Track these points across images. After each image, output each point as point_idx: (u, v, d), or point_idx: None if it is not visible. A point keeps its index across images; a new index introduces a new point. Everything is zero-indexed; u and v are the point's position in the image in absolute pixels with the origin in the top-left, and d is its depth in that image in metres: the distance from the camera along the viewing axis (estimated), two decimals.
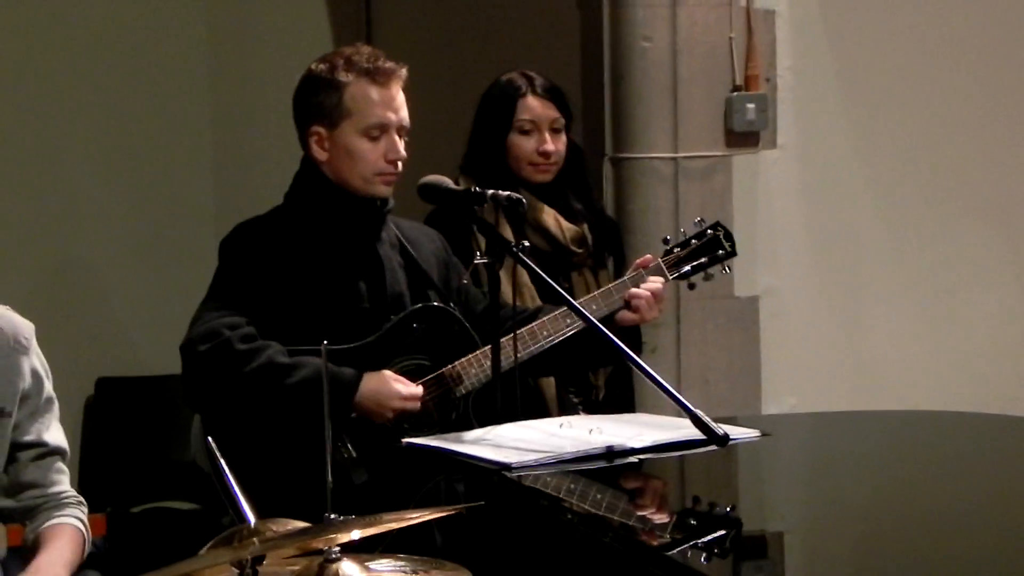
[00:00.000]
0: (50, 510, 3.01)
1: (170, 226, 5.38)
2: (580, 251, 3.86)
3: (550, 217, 3.82)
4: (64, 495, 3.04)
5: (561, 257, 3.83)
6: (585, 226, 3.89)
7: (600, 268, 3.92)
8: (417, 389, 3.30)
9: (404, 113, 3.39)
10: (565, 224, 3.84)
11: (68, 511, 3.02)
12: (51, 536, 2.97)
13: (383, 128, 3.35)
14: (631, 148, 4.43)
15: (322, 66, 3.39)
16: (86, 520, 3.05)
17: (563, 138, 3.86)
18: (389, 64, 3.37)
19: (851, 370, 4.63)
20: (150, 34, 5.34)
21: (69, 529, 2.99)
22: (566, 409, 3.69)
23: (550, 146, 3.81)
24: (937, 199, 4.71)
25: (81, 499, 3.07)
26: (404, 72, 3.39)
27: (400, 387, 3.27)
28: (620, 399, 3.88)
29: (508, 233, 3.68)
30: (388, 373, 3.30)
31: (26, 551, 3.00)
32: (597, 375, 3.88)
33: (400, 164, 3.38)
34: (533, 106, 3.83)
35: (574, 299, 3.37)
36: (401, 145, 3.37)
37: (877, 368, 4.65)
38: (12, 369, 2.97)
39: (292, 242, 3.36)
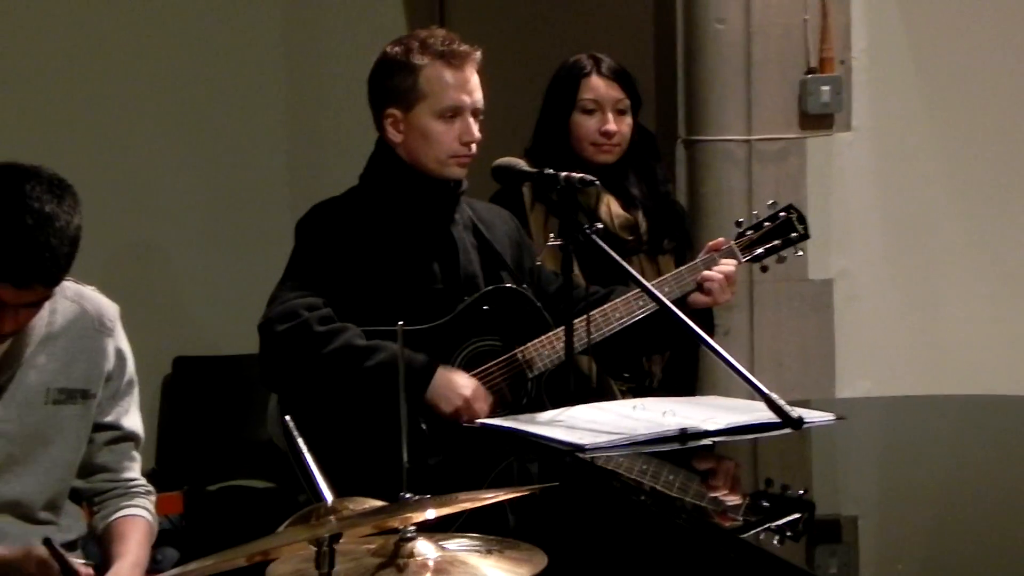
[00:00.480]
0: (119, 498, 3.03)
1: (245, 208, 5.42)
2: (630, 238, 3.82)
3: (602, 202, 3.81)
4: (134, 483, 3.06)
5: (610, 243, 3.80)
6: (640, 213, 3.86)
7: (658, 255, 3.88)
8: (482, 391, 3.29)
9: (479, 96, 3.40)
10: (616, 210, 3.82)
11: (137, 500, 3.04)
12: (124, 533, 2.98)
13: (458, 111, 3.37)
14: (704, 131, 4.42)
15: (397, 49, 3.41)
16: (154, 511, 3.07)
17: (628, 120, 3.84)
18: (464, 47, 3.39)
19: (925, 354, 4.60)
20: (225, 19, 5.38)
21: (141, 523, 3.01)
22: (604, 395, 3.64)
23: (612, 126, 3.79)
24: (1013, 181, 4.66)
25: (150, 488, 3.09)
26: (479, 55, 3.40)
27: (467, 389, 3.26)
28: (677, 387, 3.86)
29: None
30: (461, 372, 3.30)
31: (94, 537, 3.04)
32: (652, 362, 3.86)
33: (474, 146, 3.39)
34: (597, 86, 3.82)
35: (615, 288, 3.38)
36: (475, 127, 3.38)
37: (952, 352, 4.61)
38: (98, 351, 3.00)
39: (367, 223, 3.38)
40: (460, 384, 3.26)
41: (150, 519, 3.04)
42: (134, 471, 3.07)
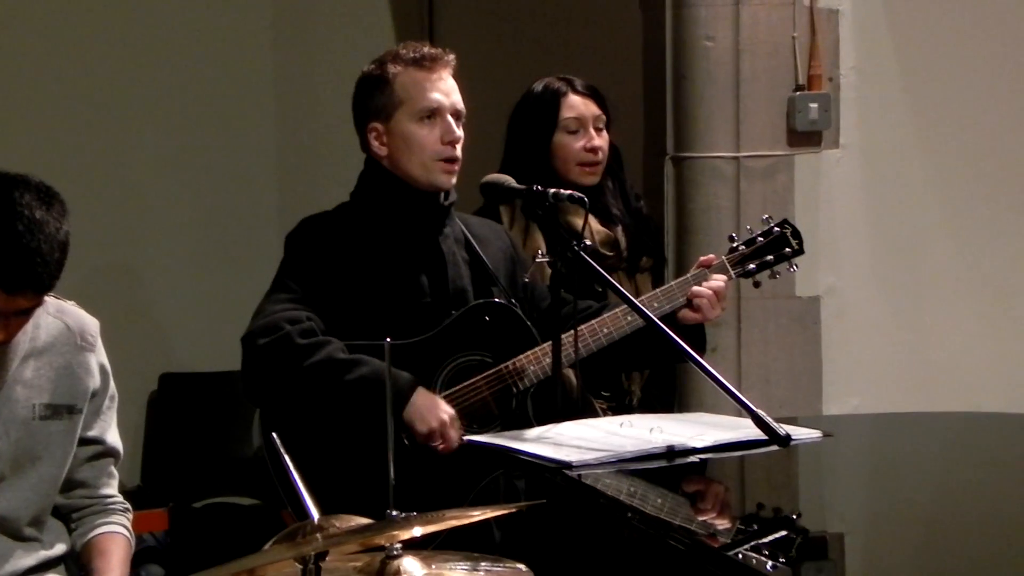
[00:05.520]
0: (97, 515, 3.02)
1: (233, 226, 5.41)
2: (611, 255, 3.82)
3: (581, 220, 3.79)
4: (112, 500, 3.05)
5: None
6: (619, 229, 3.86)
7: (636, 272, 3.88)
8: (458, 424, 3.28)
9: (456, 97, 3.41)
10: (596, 227, 3.82)
11: (115, 518, 3.03)
12: (106, 550, 2.97)
13: (436, 111, 3.38)
14: (693, 147, 4.42)
15: (372, 67, 3.46)
16: (131, 529, 3.06)
17: (605, 136, 3.85)
18: (435, 50, 3.43)
19: (913, 371, 4.60)
20: (215, 34, 5.38)
21: (121, 540, 3.00)
22: (587, 411, 3.61)
23: (597, 141, 3.81)
24: (1001, 199, 4.67)
25: (127, 505, 3.08)
26: (452, 58, 3.43)
27: (444, 412, 3.26)
28: (656, 405, 3.85)
29: (539, 238, 3.70)
30: (439, 399, 3.29)
31: (73, 554, 3.02)
32: (631, 380, 3.85)
33: (459, 148, 3.40)
34: (576, 103, 3.83)
35: (608, 304, 3.37)
36: (457, 128, 3.39)
37: (940, 369, 4.61)
38: (82, 366, 2.99)
39: (356, 236, 3.39)
40: (439, 407, 3.25)
41: (128, 536, 3.03)
42: (112, 488, 3.06)
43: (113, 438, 3.06)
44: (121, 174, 5.28)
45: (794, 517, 2.72)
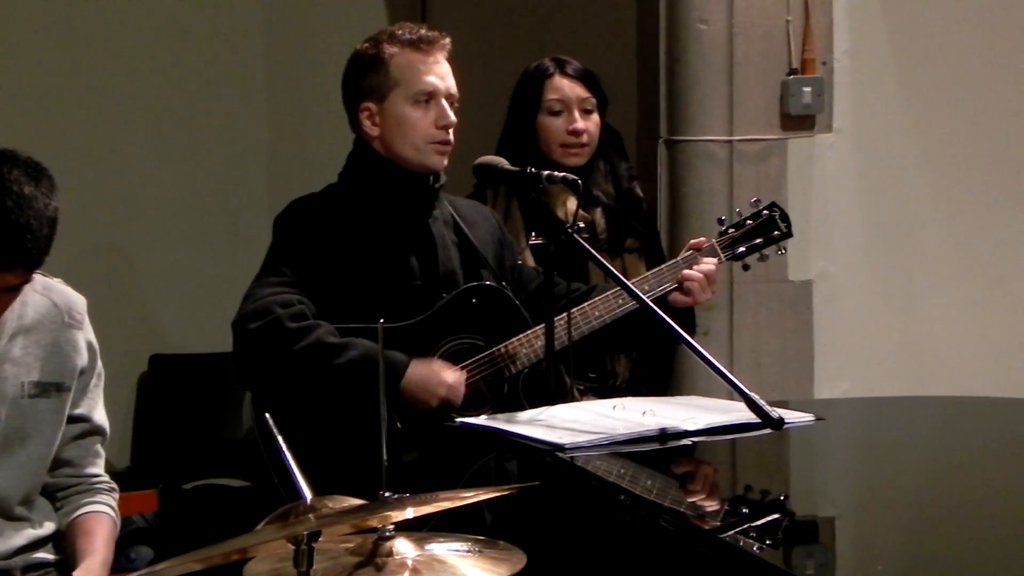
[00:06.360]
0: (82, 494, 3.02)
1: (224, 206, 5.41)
2: (586, 236, 3.80)
3: (560, 201, 3.79)
4: (97, 480, 3.04)
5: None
6: (599, 211, 3.84)
7: (622, 253, 3.86)
8: (462, 375, 3.29)
9: (451, 81, 3.40)
10: (572, 208, 3.79)
11: (100, 497, 3.02)
12: (90, 530, 2.97)
13: (431, 95, 3.37)
14: (686, 131, 4.42)
15: (366, 45, 3.43)
16: (117, 508, 3.05)
17: (595, 119, 3.83)
18: (432, 33, 3.41)
19: (905, 355, 4.61)
20: (207, 14, 5.37)
21: (106, 520, 3.00)
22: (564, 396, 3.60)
23: (579, 124, 3.79)
24: (994, 184, 4.67)
25: (113, 485, 3.07)
26: (448, 41, 3.42)
27: (447, 375, 3.27)
28: (643, 388, 3.84)
29: (519, 220, 3.69)
30: (437, 361, 3.30)
31: (58, 535, 3.02)
32: (617, 362, 3.85)
33: (451, 132, 3.39)
34: (561, 85, 3.81)
35: (597, 286, 3.36)
36: (451, 112, 3.38)
37: (931, 353, 4.62)
38: (70, 344, 2.98)
39: (345, 218, 3.37)
40: (437, 378, 3.24)
41: (113, 516, 3.03)
42: (98, 467, 3.06)
43: (100, 416, 3.05)
44: (112, 154, 5.27)
45: (782, 499, 2.72)
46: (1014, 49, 4.66)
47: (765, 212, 3.58)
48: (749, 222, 3.57)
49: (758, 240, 3.56)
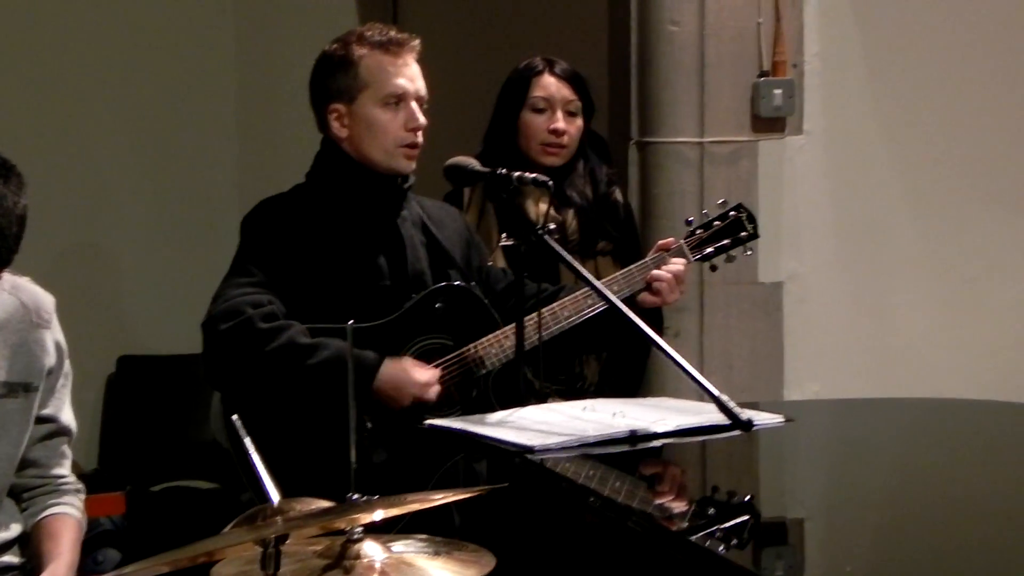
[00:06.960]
0: (48, 495, 2.99)
1: (193, 207, 5.39)
2: (556, 238, 3.79)
3: (531, 203, 3.79)
4: (63, 481, 3.02)
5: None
6: (571, 213, 3.83)
7: (595, 256, 3.86)
8: (435, 373, 3.29)
9: (421, 83, 3.40)
10: (542, 209, 3.79)
11: (66, 499, 3.00)
12: (55, 532, 2.94)
13: (401, 97, 3.36)
14: (657, 132, 4.42)
15: (335, 46, 3.42)
16: (83, 509, 3.03)
17: (577, 123, 3.83)
18: (402, 35, 3.40)
19: (874, 357, 4.62)
20: (176, 12, 5.35)
21: (71, 522, 2.97)
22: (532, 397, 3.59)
23: (560, 124, 3.79)
24: (964, 187, 4.69)
25: (80, 486, 3.05)
26: (417, 43, 3.41)
27: (419, 375, 3.26)
28: (612, 390, 3.82)
29: (493, 221, 3.69)
30: (408, 359, 3.29)
31: (24, 537, 2.99)
32: (586, 364, 3.84)
33: (421, 135, 3.38)
34: (548, 84, 3.82)
35: (565, 287, 3.35)
36: (420, 114, 3.37)
37: (901, 355, 4.63)
38: (38, 343, 2.96)
39: (314, 218, 3.36)
40: (410, 377, 3.24)
41: (80, 518, 3.00)
42: (64, 468, 3.03)
43: (67, 417, 3.03)
44: (82, 153, 5.24)
45: (751, 501, 2.72)
46: (984, 51, 4.68)
47: (732, 213, 3.59)
48: (716, 223, 3.57)
49: (725, 241, 3.57)
